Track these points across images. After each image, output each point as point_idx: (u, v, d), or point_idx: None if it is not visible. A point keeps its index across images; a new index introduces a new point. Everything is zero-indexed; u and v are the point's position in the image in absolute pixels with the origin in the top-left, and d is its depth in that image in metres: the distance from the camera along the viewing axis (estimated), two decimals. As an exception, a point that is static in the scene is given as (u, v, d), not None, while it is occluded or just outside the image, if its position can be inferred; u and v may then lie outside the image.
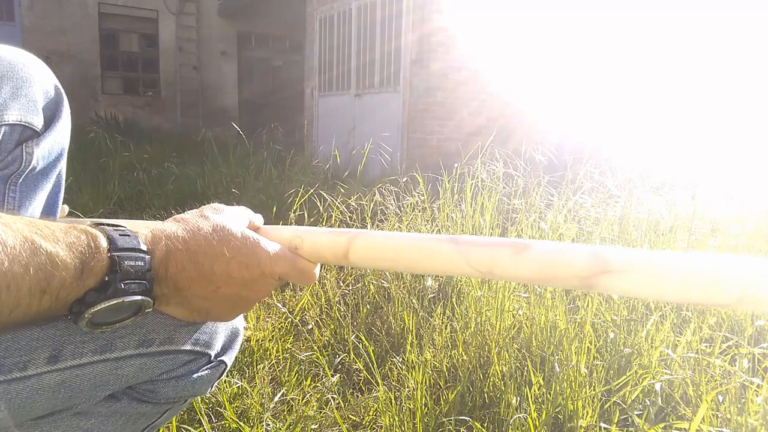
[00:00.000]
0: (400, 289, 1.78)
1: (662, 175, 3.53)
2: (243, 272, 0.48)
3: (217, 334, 0.57)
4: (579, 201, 2.54)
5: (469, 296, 1.68)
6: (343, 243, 0.49)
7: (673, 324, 1.51)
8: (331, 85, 6.59)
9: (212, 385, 0.60)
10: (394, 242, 0.47)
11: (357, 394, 1.36)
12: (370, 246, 0.48)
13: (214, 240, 0.47)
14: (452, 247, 0.44)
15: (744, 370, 1.21)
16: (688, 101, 5.49)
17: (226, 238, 0.47)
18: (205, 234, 0.47)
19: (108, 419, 0.53)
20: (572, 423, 1.15)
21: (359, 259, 0.48)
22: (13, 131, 0.60)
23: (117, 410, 0.54)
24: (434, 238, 0.46)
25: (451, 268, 0.45)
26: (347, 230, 0.50)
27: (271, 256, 0.49)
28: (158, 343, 0.51)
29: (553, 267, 0.40)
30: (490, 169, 2.69)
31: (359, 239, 0.48)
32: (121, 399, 0.54)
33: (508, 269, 0.42)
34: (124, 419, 0.55)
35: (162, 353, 0.52)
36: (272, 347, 1.50)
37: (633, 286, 0.38)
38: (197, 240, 0.46)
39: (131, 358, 0.50)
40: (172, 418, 1.10)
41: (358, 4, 5.94)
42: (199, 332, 0.55)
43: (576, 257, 0.40)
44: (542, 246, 0.41)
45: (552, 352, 1.36)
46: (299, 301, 1.79)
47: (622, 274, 0.38)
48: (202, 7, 9.54)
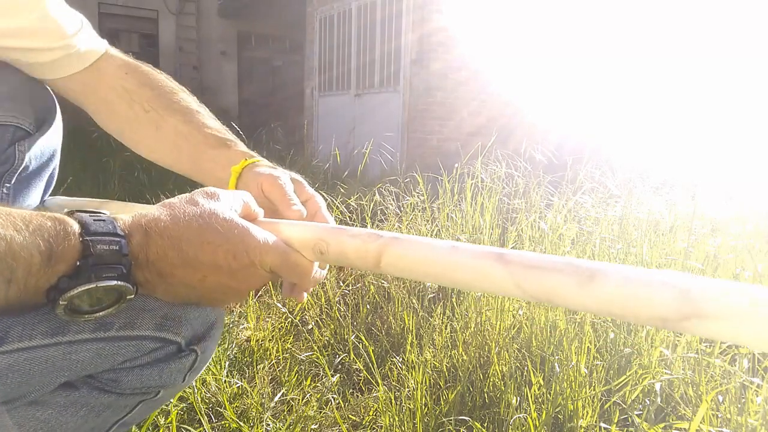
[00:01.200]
0: (400, 289, 1.78)
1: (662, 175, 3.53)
2: (230, 261, 0.46)
3: (187, 321, 0.53)
4: (579, 201, 2.54)
5: (469, 296, 1.68)
6: (373, 251, 0.44)
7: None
8: (331, 85, 6.58)
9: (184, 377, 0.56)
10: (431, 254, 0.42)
11: (357, 394, 1.36)
12: (404, 256, 0.43)
13: (199, 226, 0.45)
14: (499, 266, 0.38)
15: (744, 370, 1.21)
16: (689, 101, 5.49)
17: (212, 225, 0.45)
18: (191, 219, 0.45)
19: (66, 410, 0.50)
20: (572, 423, 1.15)
21: (392, 269, 0.44)
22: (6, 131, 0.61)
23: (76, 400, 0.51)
24: (478, 253, 0.40)
25: (497, 289, 0.39)
26: (378, 234, 0.45)
27: (260, 245, 0.47)
28: (117, 327, 0.48)
29: (629, 305, 0.33)
30: (490, 169, 2.69)
31: (392, 248, 0.44)
32: (80, 388, 0.51)
33: (570, 300, 0.36)
34: (86, 410, 0.52)
35: (122, 339, 0.49)
36: (272, 347, 1.50)
37: (733, 332, 0.31)
38: (181, 226, 0.44)
39: (87, 342, 0.47)
40: (152, 415, 1.10)
41: (358, 4, 5.94)
42: (166, 318, 0.52)
43: (659, 296, 0.32)
44: (615, 277, 0.34)
45: (552, 352, 1.36)
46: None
47: (719, 320, 0.31)
48: (202, 7, 9.54)
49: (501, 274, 0.38)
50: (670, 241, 2.21)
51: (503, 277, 0.38)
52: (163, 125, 0.68)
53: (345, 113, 6.24)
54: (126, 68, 0.70)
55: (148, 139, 0.70)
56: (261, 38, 10.28)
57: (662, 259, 1.94)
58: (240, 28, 9.90)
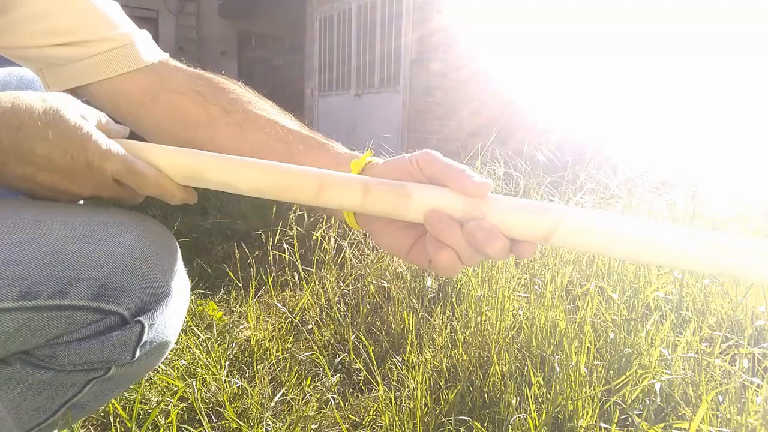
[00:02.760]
0: (400, 289, 1.78)
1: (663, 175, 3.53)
2: (67, 161, 0.45)
3: (130, 291, 0.50)
4: (579, 201, 2.54)
5: (469, 296, 1.68)
6: (544, 227, 0.43)
7: (673, 324, 1.51)
8: (331, 84, 6.59)
9: (133, 352, 0.52)
10: (611, 229, 0.42)
11: (357, 394, 1.37)
12: (579, 233, 0.43)
13: (40, 121, 0.44)
14: (690, 244, 0.40)
15: (744, 370, 1.21)
16: (689, 101, 5.48)
17: (54, 122, 0.44)
18: (31, 112, 0.44)
19: (0, 387, 0.48)
20: (572, 423, 1.15)
21: (562, 244, 0.44)
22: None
23: (10, 377, 0.48)
24: (665, 231, 0.41)
25: (685, 264, 0.41)
26: (548, 209, 0.43)
27: (102, 150, 0.46)
28: (46, 296, 0.45)
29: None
30: (490, 169, 2.69)
31: (566, 225, 0.43)
32: (13, 364, 0.48)
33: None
34: (23, 387, 0.49)
35: (53, 308, 0.46)
36: (272, 347, 1.50)
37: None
38: (21, 116, 0.43)
39: (10, 312, 0.44)
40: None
41: (358, 4, 5.94)
42: (104, 287, 0.48)
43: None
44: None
45: (552, 352, 1.36)
46: (299, 301, 1.79)
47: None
48: (202, 7, 9.54)
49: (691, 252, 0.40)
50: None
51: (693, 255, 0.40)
52: (249, 125, 0.59)
53: (345, 113, 6.25)
54: (198, 75, 0.63)
55: (231, 141, 0.59)
56: (261, 38, 10.28)
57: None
58: (240, 28, 9.90)
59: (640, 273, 1.81)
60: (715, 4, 5.46)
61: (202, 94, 0.60)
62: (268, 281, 1.89)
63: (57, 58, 0.57)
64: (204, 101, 0.60)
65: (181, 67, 0.64)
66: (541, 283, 1.69)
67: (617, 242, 0.42)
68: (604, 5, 5.49)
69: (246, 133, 0.59)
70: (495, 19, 5.19)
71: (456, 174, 0.46)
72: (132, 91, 0.60)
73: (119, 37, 0.59)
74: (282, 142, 0.57)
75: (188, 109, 0.60)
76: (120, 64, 0.58)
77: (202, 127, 0.60)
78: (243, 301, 1.86)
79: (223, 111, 0.59)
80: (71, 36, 0.56)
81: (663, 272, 1.86)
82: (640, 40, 5.59)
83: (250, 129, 0.58)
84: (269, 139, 0.58)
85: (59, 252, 0.47)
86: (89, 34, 0.57)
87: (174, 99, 0.60)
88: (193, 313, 1.68)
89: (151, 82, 0.60)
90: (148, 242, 0.52)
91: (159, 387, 1.27)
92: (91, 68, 0.58)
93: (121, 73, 0.59)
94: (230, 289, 1.97)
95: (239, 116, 0.59)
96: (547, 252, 2.01)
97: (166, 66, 0.63)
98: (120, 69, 0.58)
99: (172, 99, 0.60)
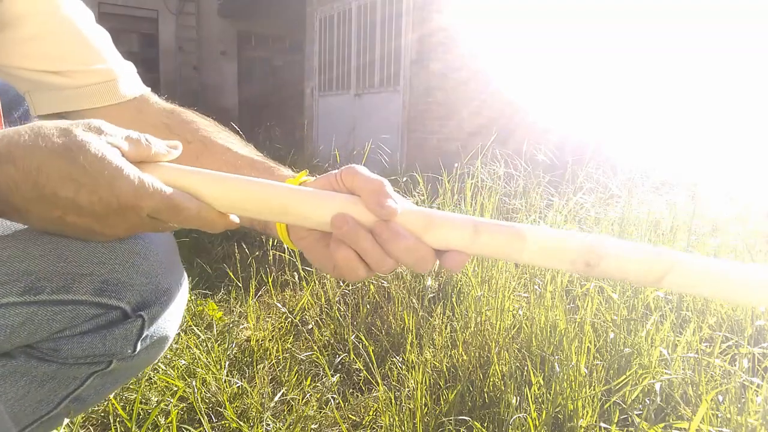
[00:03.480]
0: (400, 289, 1.78)
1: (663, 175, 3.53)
2: (95, 204, 0.41)
3: (131, 287, 0.51)
4: (579, 201, 2.54)
5: (469, 296, 1.68)
6: (658, 271, 0.43)
7: (673, 324, 1.51)
8: (331, 85, 6.59)
9: (134, 345, 0.53)
10: (721, 276, 0.43)
11: (357, 393, 1.37)
12: (690, 280, 0.43)
13: (63, 159, 0.39)
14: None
15: (744, 370, 1.21)
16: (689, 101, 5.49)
17: (77, 161, 0.39)
18: (52, 150, 0.39)
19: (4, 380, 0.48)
20: (572, 423, 1.15)
21: (674, 287, 0.44)
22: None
23: (14, 369, 0.49)
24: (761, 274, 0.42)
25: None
26: (661, 252, 0.44)
27: (134, 187, 0.41)
28: (50, 290, 0.46)
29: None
30: (490, 169, 2.69)
31: (678, 270, 0.43)
32: (17, 357, 0.49)
33: None
34: (26, 380, 0.50)
35: (56, 303, 0.47)
36: (272, 347, 1.50)
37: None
38: (41, 155, 0.39)
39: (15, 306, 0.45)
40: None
41: (358, 4, 5.94)
42: (106, 282, 0.49)
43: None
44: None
45: (552, 352, 1.36)
46: (299, 301, 1.79)
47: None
48: (202, 7, 9.54)
49: None
50: (670, 241, 2.21)
51: None
52: (205, 153, 0.66)
53: (345, 113, 6.25)
54: (170, 110, 0.69)
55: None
56: (261, 38, 10.28)
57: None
58: (240, 28, 9.90)
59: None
60: (715, 3, 5.46)
61: (168, 126, 0.68)
62: (268, 281, 1.89)
63: (45, 83, 0.61)
64: (169, 133, 0.67)
65: (158, 102, 0.71)
66: (541, 283, 1.69)
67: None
68: (604, 5, 5.49)
69: (202, 161, 0.65)
70: (495, 19, 5.19)
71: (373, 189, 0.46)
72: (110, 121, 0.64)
73: (104, 72, 0.64)
74: (234, 168, 0.63)
75: None
76: (102, 98, 0.64)
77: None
78: (243, 301, 1.86)
79: (184, 141, 0.64)
80: (60, 65, 0.61)
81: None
82: (640, 40, 5.59)
83: (206, 157, 0.65)
84: (222, 166, 0.63)
85: (63, 248, 0.48)
86: (77, 65, 0.62)
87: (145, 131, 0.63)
88: (193, 313, 1.68)
89: (129, 114, 0.67)
90: (148, 239, 0.54)
91: (159, 387, 1.27)
92: (76, 98, 0.63)
93: (102, 105, 0.65)
94: (230, 289, 1.97)
95: (197, 146, 0.66)
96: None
97: (144, 101, 0.69)
98: (102, 102, 0.65)
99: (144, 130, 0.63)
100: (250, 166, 0.63)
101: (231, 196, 0.45)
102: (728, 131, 5.28)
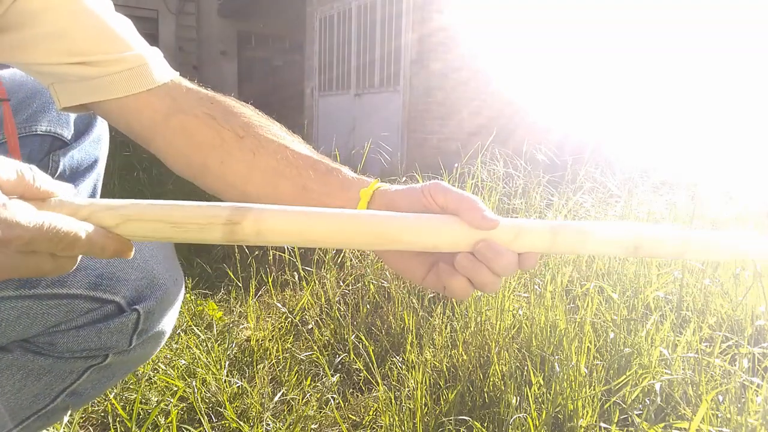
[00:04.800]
0: (400, 289, 1.78)
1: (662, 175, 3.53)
2: None
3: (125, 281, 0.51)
4: (579, 201, 2.54)
5: (469, 296, 1.67)
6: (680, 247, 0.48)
7: (673, 324, 1.51)
8: (331, 84, 6.59)
9: (130, 339, 0.53)
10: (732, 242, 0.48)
11: (357, 393, 1.37)
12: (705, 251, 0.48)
13: None
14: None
15: (744, 370, 1.21)
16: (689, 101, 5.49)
17: None
18: None
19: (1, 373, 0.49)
20: (572, 423, 1.15)
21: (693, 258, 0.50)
22: (44, 141, 0.62)
23: (10, 363, 0.49)
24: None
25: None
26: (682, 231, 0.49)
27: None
28: (45, 284, 0.46)
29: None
30: (490, 169, 2.69)
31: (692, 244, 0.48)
32: (13, 351, 0.49)
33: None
34: (23, 374, 0.50)
35: (51, 297, 0.47)
36: (272, 347, 1.50)
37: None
38: None
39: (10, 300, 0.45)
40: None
41: (358, 4, 5.94)
42: (101, 277, 0.49)
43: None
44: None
45: (552, 351, 1.36)
46: (299, 301, 1.79)
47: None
48: (202, 7, 9.54)
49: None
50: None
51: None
52: (261, 151, 0.58)
53: (345, 113, 6.25)
54: (210, 98, 0.62)
55: (243, 166, 0.59)
56: (261, 38, 10.28)
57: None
58: (240, 28, 9.90)
59: (640, 273, 1.81)
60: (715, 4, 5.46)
61: (214, 118, 0.60)
62: (268, 281, 1.88)
63: (71, 75, 0.57)
64: (217, 125, 0.59)
65: (192, 88, 0.63)
66: (541, 283, 1.69)
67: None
68: (604, 5, 5.49)
69: (258, 158, 0.58)
70: (495, 19, 5.19)
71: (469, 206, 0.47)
72: (143, 111, 0.59)
73: (132, 58, 0.58)
74: (293, 168, 0.58)
75: (201, 132, 0.60)
76: (133, 84, 0.58)
77: (215, 150, 0.59)
78: (243, 301, 1.86)
79: (235, 136, 0.59)
80: (87, 56, 0.56)
81: (663, 272, 1.86)
82: (640, 40, 5.59)
83: (262, 155, 0.58)
84: (280, 164, 0.58)
85: None
86: (104, 54, 0.57)
87: (186, 121, 0.60)
88: (193, 313, 1.68)
89: (163, 102, 0.60)
90: None
91: (159, 387, 1.27)
92: (104, 87, 0.58)
93: (133, 93, 0.58)
94: (230, 289, 1.97)
95: (251, 141, 0.59)
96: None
97: (177, 86, 0.62)
98: (132, 89, 0.58)
99: (184, 121, 0.60)
100: (311, 167, 0.58)
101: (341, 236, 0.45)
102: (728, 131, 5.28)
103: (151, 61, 0.60)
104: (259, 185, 0.58)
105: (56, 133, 0.63)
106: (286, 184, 0.57)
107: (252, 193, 0.59)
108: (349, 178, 0.57)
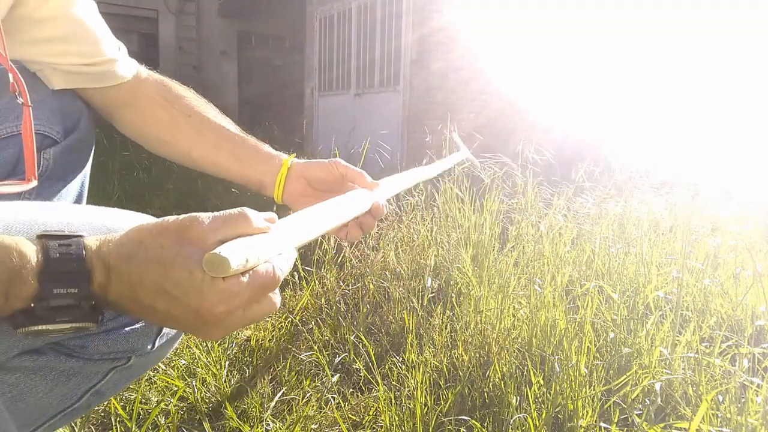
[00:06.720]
0: (400, 289, 1.78)
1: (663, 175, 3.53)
2: (189, 317, 0.41)
3: None
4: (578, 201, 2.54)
5: (469, 296, 1.68)
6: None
7: (673, 324, 1.51)
8: (331, 84, 6.59)
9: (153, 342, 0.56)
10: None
11: (357, 393, 1.37)
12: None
13: (156, 273, 0.40)
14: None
15: (744, 370, 1.21)
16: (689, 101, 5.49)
17: (170, 276, 0.40)
18: (148, 263, 0.40)
19: (35, 374, 0.51)
20: (572, 423, 1.15)
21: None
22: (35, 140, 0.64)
23: (44, 364, 0.51)
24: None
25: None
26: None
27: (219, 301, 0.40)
28: None
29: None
30: (489, 169, 2.69)
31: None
32: (47, 353, 0.51)
33: None
34: (54, 375, 0.52)
35: None
36: (272, 347, 1.50)
37: None
38: (138, 268, 0.40)
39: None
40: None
41: (358, 4, 5.94)
42: None
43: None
44: None
45: (552, 351, 1.36)
46: (299, 301, 1.79)
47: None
48: (202, 7, 9.54)
49: None
50: (670, 241, 2.21)
51: None
52: (204, 128, 0.78)
53: (345, 113, 6.24)
54: (164, 83, 0.80)
55: (190, 139, 0.78)
56: (261, 38, 10.27)
57: (662, 258, 1.94)
58: (240, 28, 9.90)
59: (640, 273, 1.81)
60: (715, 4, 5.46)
61: (167, 100, 0.78)
62: (268, 281, 1.88)
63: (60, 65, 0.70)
64: (169, 106, 0.78)
65: (150, 75, 0.80)
66: (541, 283, 1.69)
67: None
68: (603, 6, 5.48)
69: (202, 134, 0.78)
70: (495, 19, 5.19)
71: (362, 176, 0.75)
72: (116, 99, 0.77)
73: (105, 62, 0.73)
74: (228, 141, 0.78)
75: (156, 112, 0.78)
76: (108, 80, 0.74)
77: (166, 127, 0.78)
78: (243, 301, 1.85)
79: (183, 115, 0.78)
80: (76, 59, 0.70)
81: (662, 272, 1.86)
82: (640, 40, 5.59)
83: (205, 131, 0.78)
84: (218, 139, 0.78)
85: None
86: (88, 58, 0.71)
87: (146, 104, 0.78)
88: (193, 313, 1.68)
89: (129, 90, 0.77)
90: None
91: (159, 387, 1.27)
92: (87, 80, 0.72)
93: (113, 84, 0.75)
94: (230, 289, 1.97)
95: (196, 119, 0.78)
96: (547, 252, 2.00)
97: (138, 77, 0.78)
98: (108, 83, 0.74)
99: (145, 104, 0.78)
100: (242, 141, 0.78)
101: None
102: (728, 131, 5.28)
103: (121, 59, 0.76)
104: (203, 154, 0.78)
105: (46, 131, 0.66)
106: (224, 154, 0.78)
107: (197, 159, 0.79)
108: (272, 152, 0.80)
